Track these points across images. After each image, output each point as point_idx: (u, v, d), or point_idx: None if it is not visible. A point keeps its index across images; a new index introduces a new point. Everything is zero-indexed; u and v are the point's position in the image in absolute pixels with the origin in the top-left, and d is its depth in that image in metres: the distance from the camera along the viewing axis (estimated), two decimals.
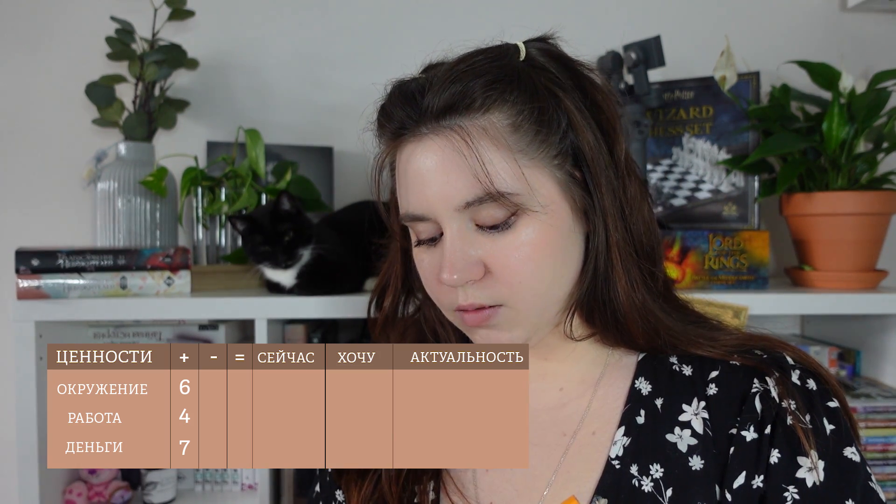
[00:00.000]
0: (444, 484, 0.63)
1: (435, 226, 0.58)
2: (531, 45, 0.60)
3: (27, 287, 1.01)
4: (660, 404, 0.60)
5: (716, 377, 0.60)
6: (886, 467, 1.10)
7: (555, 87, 0.57)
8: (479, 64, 0.56)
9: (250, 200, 1.20)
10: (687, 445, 0.58)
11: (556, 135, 0.56)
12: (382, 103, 0.61)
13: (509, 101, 0.55)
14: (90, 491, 1.13)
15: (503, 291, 0.56)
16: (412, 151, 0.57)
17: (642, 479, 0.57)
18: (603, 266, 0.58)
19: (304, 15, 1.40)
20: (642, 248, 0.61)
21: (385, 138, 0.62)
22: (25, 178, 1.37)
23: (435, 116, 0.55)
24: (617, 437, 0.59)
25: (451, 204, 0.55)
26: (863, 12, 1.42)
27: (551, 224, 0.56)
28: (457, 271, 0.55)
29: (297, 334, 1.18)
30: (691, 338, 0.62)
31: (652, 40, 1.15)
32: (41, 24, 1.37)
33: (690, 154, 1.25)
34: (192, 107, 1.36)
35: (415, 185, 0.57)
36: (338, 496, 0.68)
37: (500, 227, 0.55)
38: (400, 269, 0.69)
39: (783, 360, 0.60)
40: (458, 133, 0.55)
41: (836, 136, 1.10)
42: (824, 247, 1.14)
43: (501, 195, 0.54)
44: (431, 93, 0.55)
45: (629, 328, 0.60)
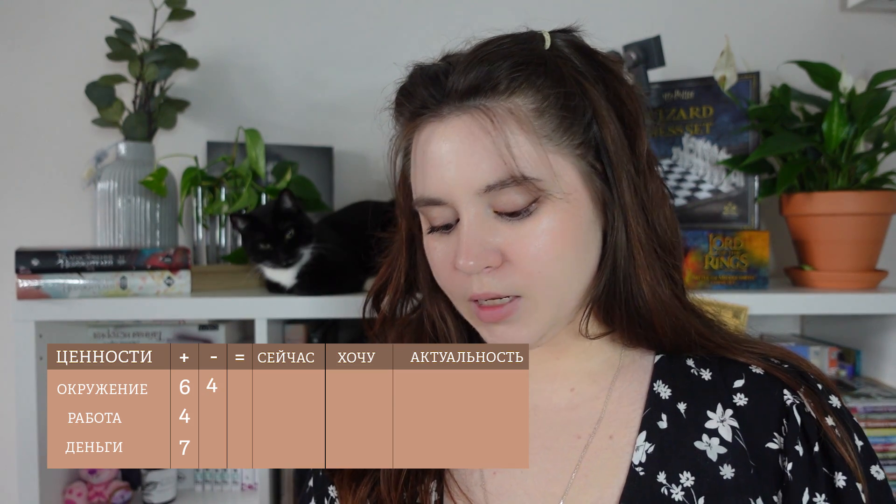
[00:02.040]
0: (448, 486, 0.60)
1: (451, 211, 0.56)
2: (556, 35, 0.58)
3: (27, 287, 1.01)
4: (683, 409, 0.59)
5: (743, 386, 0.59)
6: (886, 467, 1.10)
7: (580, 77, 0.56)
8: (506, 46, 0.55)
9: (250, 200, 1.20)
10: (717, 454, 0.56)
11: (581, 124, 0.55)
12: (403, 83, 0.59)
13: (535, 85, 0.54)
14: (90, 491, 1.13)
15: (520, 281, 0.54)
16: (433, 131, 0.55)
17: (672, 487, 0.55)
18: (624, 261, 0.57)
19: (304, 15, 1.40)
20: (664, 245, 0.59)
21: (403, 119, 0.60)
22: (25, 178, 1.37)
23: (459, 97, 0.54)
24: (639, 443, 0.57)
25: (472, 187, 0.53)
26: (863, 12, 1.42)
27: (573, 213, 0.55)
28: (473, 257, 0.53)
29: (297, 334, 1.18)
30: (720, 341, 0.61)
31: (652, 40, 1.15)
32: (41, 24, 1.37)
33: (690, 154, 1.25)
34: (192, 107, 1.36)
35: (433, 167, 0.55)
36: (330, 492, 0.67)
37: (521, 213, 0.54)
38: (404, 263, 0.66)
39: (805, 374, 0.60)
40: (484, 113, 0.53)
41: (836, 136, 1.10)
42: (824, 247, 1.14)
43: (525, 179, 0.52)
44: (456, 73, 0.54)
45: (654, 325, 0.59)
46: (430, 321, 0.67)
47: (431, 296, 0.65)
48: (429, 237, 0.59)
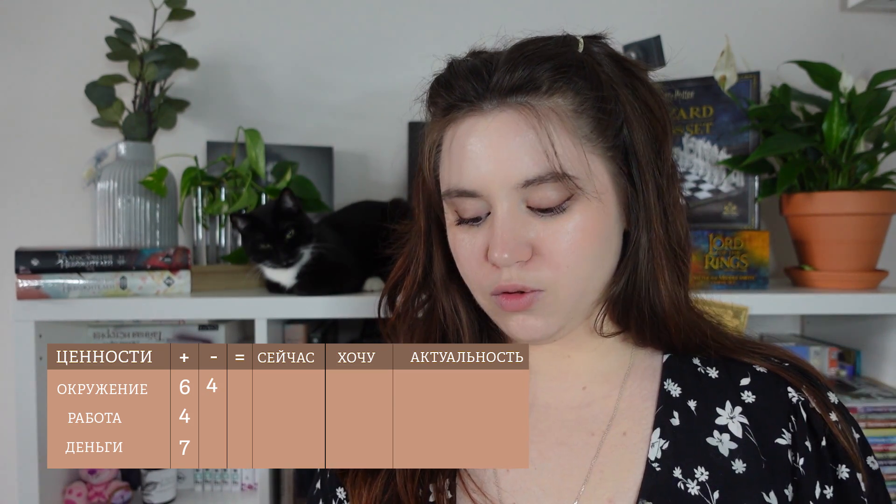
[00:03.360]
0: (462, 482, 0.61)
1: (483, 204, 0.57)
2: (589, 41, 0.60)
3: (27, 287, 1.01)
4: (693, 407, 0.61)
5: (750, 384, 0.61)
6: (886, 467, 1.10)
7: (613, 83, 0.58)
8: (548, 48, 0.57)
9: (250, 200, 1.20)
10: (728, 450, 0.58)
11: (613, 128, 0.57)
12: (440, 75, 0.60)
13: (574, 87, 0.56)
14: (90, 491, 1.13)
15: (547, 275, 0.56)
16: (473, 125, 0.56)
17: (687, 481, 0.57)
18: (646, 262, 0.59)
19: (304, 15, 1.40)
20: (681, 249, 0.61)
21: (437, 110, 0.61)
22: (25, 178, 1.37)
23: (503, 93, 0.55)
24: (654, 440, 0.59)
25: (510, 181, 0.55)
26: (863, 12, 1.42)
27: (602, 212, 0.57)
28: (508, 250, 0.54)
29: (297, 334, 1.18)
30: (728, 343, 0.64)
31: (652, 40, 1.15)
32: (41, 24, 1.37)
33: (690, 154, 1.25)
34: (192, 107, 1.36)
35: (471, 160, 0.56)
36: (339, 494, 0.67)
37: (554, 210, 0.55)
38: (423, 255, 0.67)
39: (806, 371, 0.63)
40: (529, 109, 0.55)
41: (837, 136, 1.10)
42: (824, 247, 1.14)
43: (566, 175, 0.54)
44: (501, 70, 0.55)
45: (669, 325, 0.61)
46: (443, 313, 0.67)
47: (446, 288, 0.66)
48: (456, 229, 0.60)
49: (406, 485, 0.60)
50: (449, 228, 0.62)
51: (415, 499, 0.60)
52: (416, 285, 0.68)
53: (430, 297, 0.69)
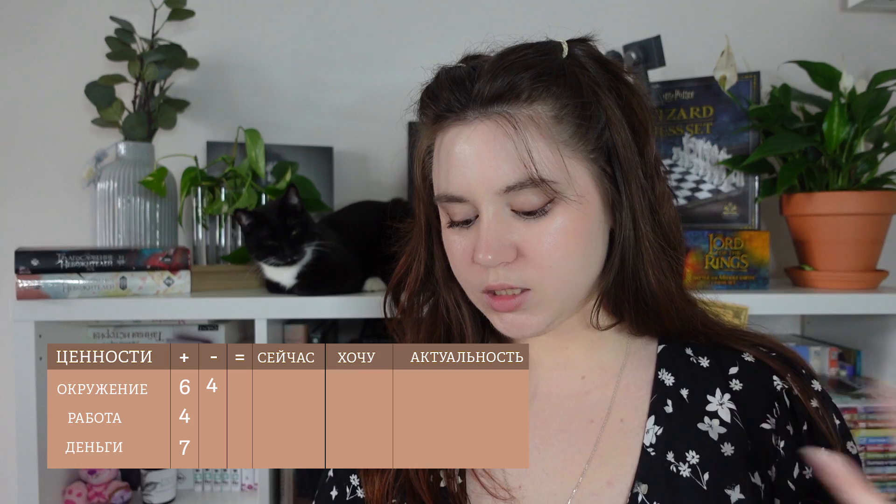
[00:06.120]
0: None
1: (471, 208, 0.60)
2: (573, 44, 0.62)
3: (27, 287, 1.01)
4: (685, 395, 0.64)
5: (737, 373, 0.65)
6: (887, 467, 1.10)
7: (595, 87, 0.60)
8: (528, 57, 0.59)
9: (250, 200, 1.20)
10: (717, 434, 0.61)
11: (595, 131, 0.59)
12: (428, 85, 0.63)
13: (554, 94, 0.58)
14: (90, 491, 1.13)
15: (533, 275, 0.59)
16: (457, 134, 0.59)
17: (679, 465, 0.60)
18: (632, 258, 0.61)
19: (304, 15, 1.40)
20: (670, 241, 0.64)
21: (427, 119, 0.63)
22: (25, 178, 1.37)
23: (483, 103, 0.58)
24: (648, 426, 0.62)
25: (493, 187, 0.57)
26: (863, 12, 1.42)
27: (584, 214, 0.59)
28: (492, 252, 0.57)
29: (297, 334, 1.18)
30: (719, 330, 0.67)
31: (652, 40, 1.15)
32: (41, 24, 1.37)
33: (690, 154, 1.25)
34: (192, 107, 1.36)
35: (457, 167, 0.59)
36: (352, 480, 0.69)
37: (537, 213, 0.58)
38: (424, 252, 0.70)
39: (791, 360, 0.66)
40: (506, 119, 0.57)
41: (837, 136, 1.10)
42: (824, 247, 1.14)
43: (543, 181, 0.56)
44: (482, 80, 0.58)
45: (662, 314, 0.64)
46: (446, 309, 0.70)
47: (447, 284, 0.69)
48: (448, 231, 0.63)
49: (417, 471, 0.63)
50: (443, 230, 0.65)
51: (426, 484, 0.62)
52: (419, 283, 0.71)
53: (433, 293, 0.72)
